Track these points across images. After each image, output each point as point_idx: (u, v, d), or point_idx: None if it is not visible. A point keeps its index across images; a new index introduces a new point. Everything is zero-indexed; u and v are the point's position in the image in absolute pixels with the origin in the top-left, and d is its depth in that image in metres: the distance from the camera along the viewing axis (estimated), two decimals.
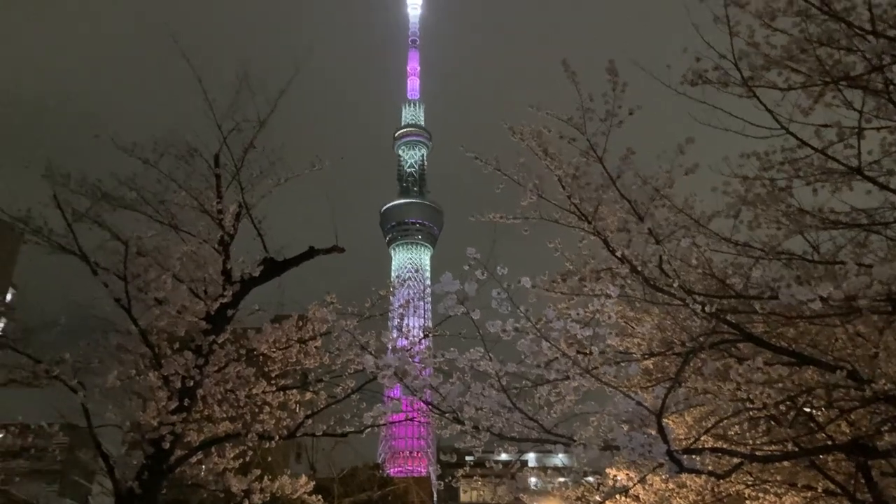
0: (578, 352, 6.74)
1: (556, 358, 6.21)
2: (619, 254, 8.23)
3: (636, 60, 7.93)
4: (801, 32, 7.32)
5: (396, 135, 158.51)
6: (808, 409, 10.86)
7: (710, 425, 9.64)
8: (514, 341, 6.56)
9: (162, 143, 11.45)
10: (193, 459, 11.98)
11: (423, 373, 6.89)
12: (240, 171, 11.95)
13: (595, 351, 5.93)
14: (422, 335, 11.09)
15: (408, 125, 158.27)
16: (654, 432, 6.07)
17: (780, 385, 7.83)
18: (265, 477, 13.14)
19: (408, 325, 10.58)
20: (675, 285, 7.07)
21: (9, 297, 51.00)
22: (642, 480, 10.33)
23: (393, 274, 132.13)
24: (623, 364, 6.80)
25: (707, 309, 6.89)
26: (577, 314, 5.54)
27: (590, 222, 8.89)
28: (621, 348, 10.04)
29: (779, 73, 7.39)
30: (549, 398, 6.83)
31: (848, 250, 8.51)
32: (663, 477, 12.03)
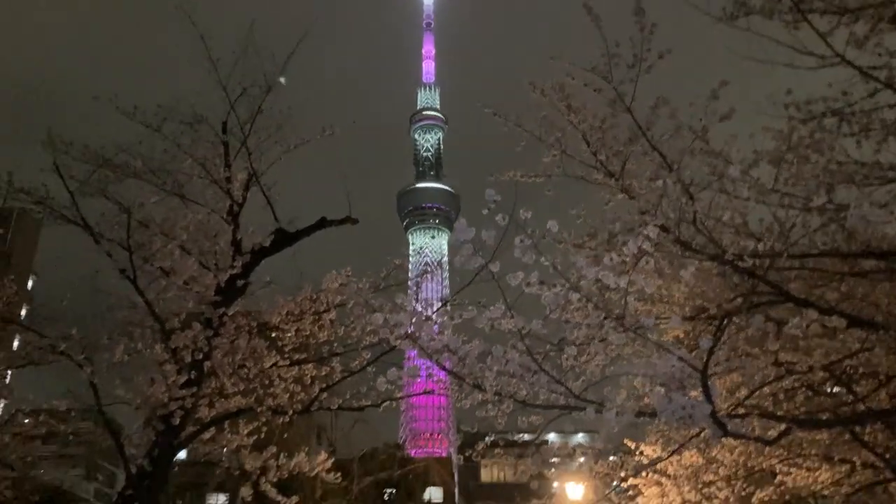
0: (607, 316, 6.21)
1: (587, 315, 5.69)
2: (648, 210, 7.67)
3: None
4: None
5: (412, 119, 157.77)
6: (846, 380, 10.35)
7: (743, 395, 9.12)
8: (537, 302, 6.05)
9: (165, 108, 10.98)
10: (206, 436, 11.62)
11: (440, 336, 6.41)
12: (248, 138, 11.47)
13: (631, 300, 5.39)
14: (439, 304, 10.59)
15: (423, 109, 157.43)
16: (694, 394, 5.55)
17: (838, 343, 7.28)
18: (281, 455, 12.77)
19: (425, 298, 10.10)
20: (711, 236, 6.50)
21: (30, 284, 51.40)
22: (678, 450, 9.79)
23: (411, 259, 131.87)
24: (658, 324, 6.26)
25: (745, 261, 6.33)
26: (611, 260, 4.99)
27: (617, 179, 8.34)
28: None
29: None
30: (578, 358, 6.30)
31: None
32: (696, 448, 11.49)
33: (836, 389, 11.21)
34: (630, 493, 14.79)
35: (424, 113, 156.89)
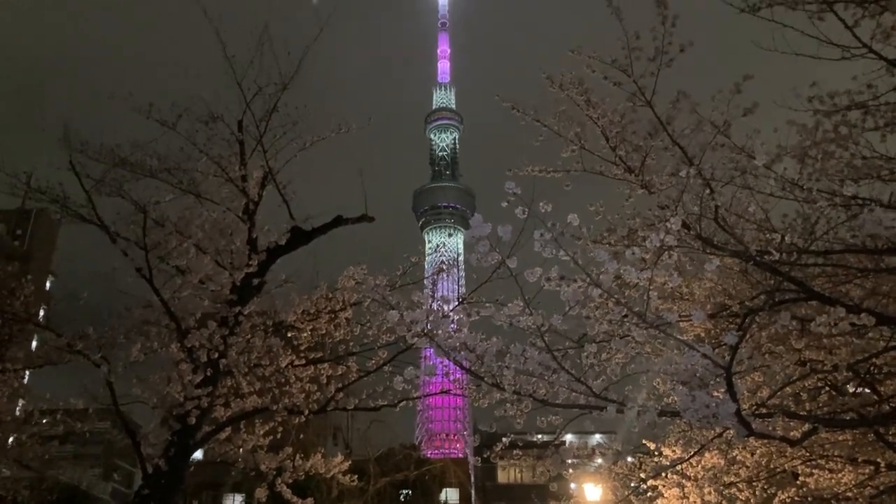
0: (628, 312, 6.07)
1: (608, 311, 5.55)
2: (668, 205, 7.53)
3: None
4: None
5: (427, 119, 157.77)
6: (870, 380, 10.16)
7: (765, 395, 8.95)
8: (556, 299, 5.92)
9: (180, 106, 10.96)
10: (222, 436, 11.57)
11: (458, 334, 6.29)
12: (263, 136, 11.43)
13: (654, 296, 5.26)
14: (455, 303, 10.50)
15: (439, 108, 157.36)
16: (716, 393, 5.40)
17: (863, 342, 7.10)
18: (297, 455, 12.70)
19: (441, 296, 9.94)
20: (734, 232, 6.34)
21: (48, 284, 51.82)
22: (701, 451, 9.62)
23: (427, 257, 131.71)
24: (679, 321, 6.11)
25: (772, 254, 6.17)
26: (633, 254, 4.85)
27: (637, 175, 8.20)
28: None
29: None
30: (598, 356, 6.16)
31: None
32: (718, 450, 11.30)
33: (859, 389, 11.01)
34: (649, 494, 14.60)
35: (440, 113, 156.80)
